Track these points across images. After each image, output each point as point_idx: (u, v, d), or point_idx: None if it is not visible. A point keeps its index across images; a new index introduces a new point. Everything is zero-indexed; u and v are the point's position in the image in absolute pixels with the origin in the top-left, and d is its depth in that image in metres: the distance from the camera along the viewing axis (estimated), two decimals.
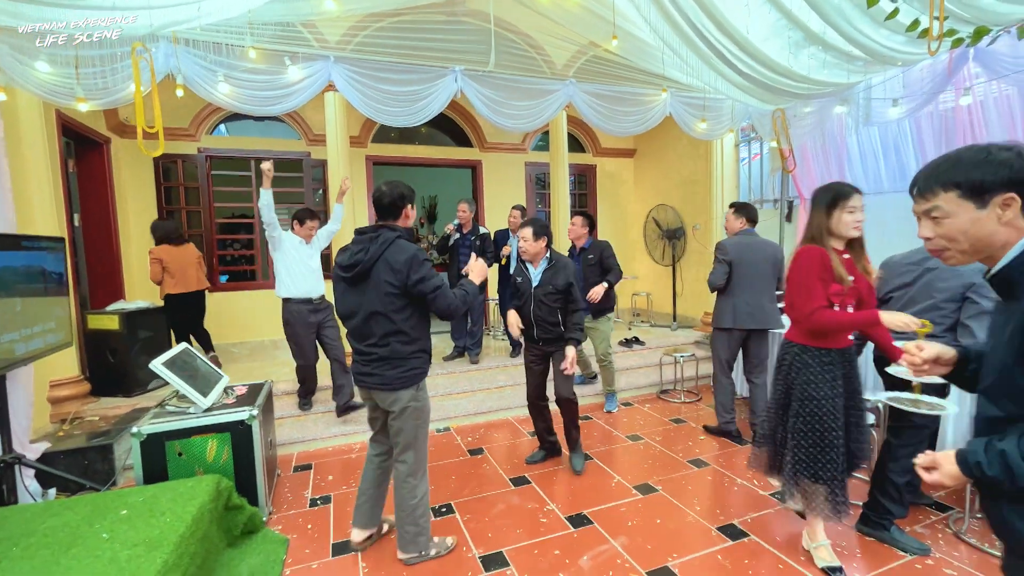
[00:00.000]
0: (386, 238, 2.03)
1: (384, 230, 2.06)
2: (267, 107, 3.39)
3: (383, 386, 2.10)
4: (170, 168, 5.44)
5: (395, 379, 2.08)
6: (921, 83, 3.86)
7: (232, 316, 5.67)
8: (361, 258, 2.00)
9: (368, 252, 2.00)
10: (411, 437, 2.16)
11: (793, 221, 5.38)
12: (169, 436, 2.41)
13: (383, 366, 2.08)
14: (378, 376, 2.09)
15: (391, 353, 2.06)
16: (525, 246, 2.92)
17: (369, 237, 2.05)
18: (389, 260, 1.99)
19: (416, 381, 2.13)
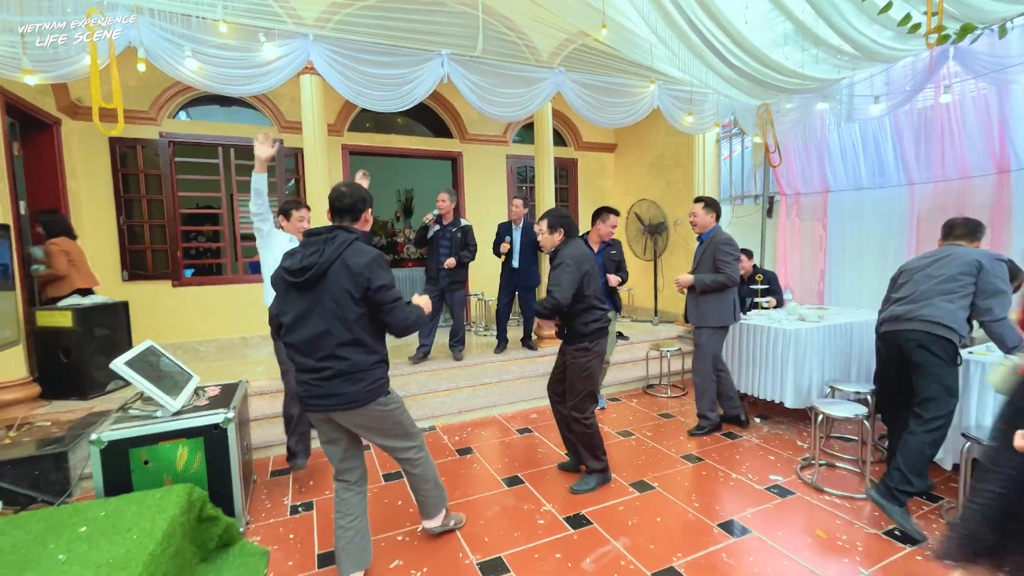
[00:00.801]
0: (344, 239, 1.81)
1: (340, 231, 1.84)
2: (240, 86, 3.15)
3: (347, 405, 1.84)
4: (128, 153, 5.07)
5: (360, 395, 1.85)
6: (902, 81, 3.93)
7: (198, 312, 5.35)
8: (315, 260, 1.77)
9: (323, 254, 1.77)
10: (399, 431, 2.05)
11: (774, 216, 5.45)
12: (134, 443, 2.19)
13: (343, 383, 1.82)
14: (338, 396, 1.83)
15: (350, 367, 1.82)
16: (541, 240, 2.76)
17: (324, 238, 1.82)
18: (348, 263, 1.77)
19: (380, 394, 1.90)
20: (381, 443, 2.04)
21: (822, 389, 3.54)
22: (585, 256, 2.62)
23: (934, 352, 2.38)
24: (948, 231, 2.75)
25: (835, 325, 3.62)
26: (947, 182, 3.99)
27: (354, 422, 1.94)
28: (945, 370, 2.38)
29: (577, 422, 2.75)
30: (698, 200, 3.58)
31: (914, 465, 2.37)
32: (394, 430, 2.03)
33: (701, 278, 3.37)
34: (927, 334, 2.39)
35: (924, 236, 4.16)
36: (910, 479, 2.37)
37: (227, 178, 5.42)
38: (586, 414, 2.73)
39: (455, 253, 4.41)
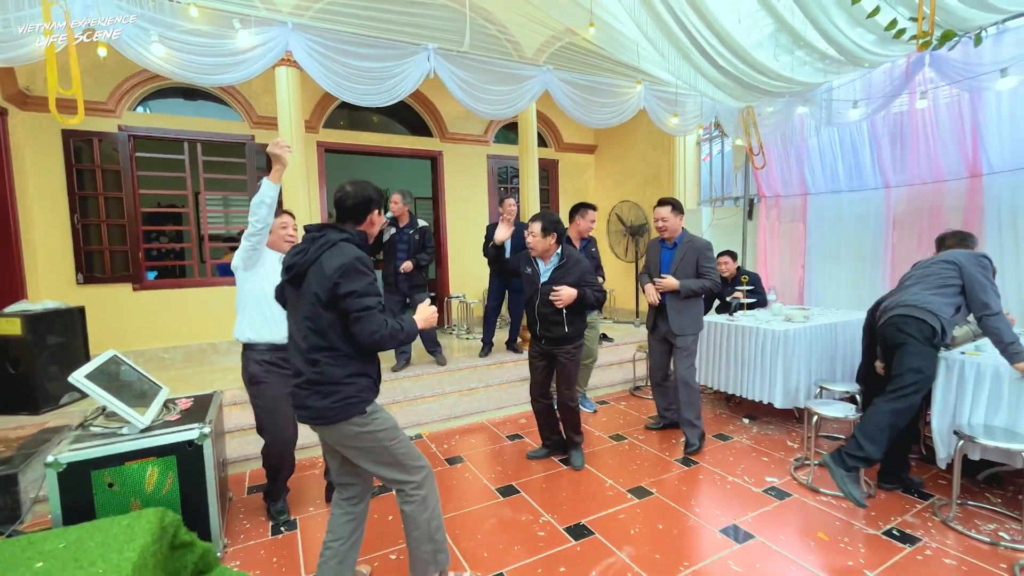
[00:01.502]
0: (329, 240, 1.68)
1: (330, 231, 1.71)
2: (213, 76, 2.94)
3: (317, 420, 1.69)
4: (83, 147, 4.72)
5: (327, 410, 1.67)
6: (879, 86, 4.03)
7: (162, 317, 5.02)
8: (298, 260, 1.68)
9: (306, 254, 1.67)
10: (387, 458, 1.77)
11: (754, 218, 5.53)
12: (96, 464, 1.97)
13: (313, 395, 1.68)
14: (309, 408, 1.69)
15: (320, 377, 1.67)
16: (533, 242, 2.73)
17: (312, 237, 1.71)
18: (323, 265, 1.64)
19: (352, 412, 1.69)
20: (369, 468, 1.81)
21: (809, 389, 3.57)
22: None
23: (909, 332, 2.47)
24: (940, 243, 2.85)
25: (821, 325, 3.66)
26: (922, 185, 4.12)
27: (330, 439, 1.77)
28: (918, 348, 2.45)
29: (570, 410, 2.97)
30: (664, 203, 3.32)
31: (868, 431, 2.42)
32: (380, 455, 1.77)
33: (687, 283, 3.21)
34: (903, 316, 2.50)
35: (900, 238, 4.28)
36: (861, 444, 2.41)
37: (193, 175, 5.11)
38: (574, 395, 3.00)
39: (412, 256, 4.26)
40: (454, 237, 6.53)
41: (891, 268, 4.37)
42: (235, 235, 7.54)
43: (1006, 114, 3.56)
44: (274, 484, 2.60)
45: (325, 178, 5.84)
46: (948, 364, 2.58)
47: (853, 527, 2.39)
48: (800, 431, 3.58)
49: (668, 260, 3.34)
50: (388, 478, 1.82)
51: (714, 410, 4.08)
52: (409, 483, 1.82)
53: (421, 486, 1.83)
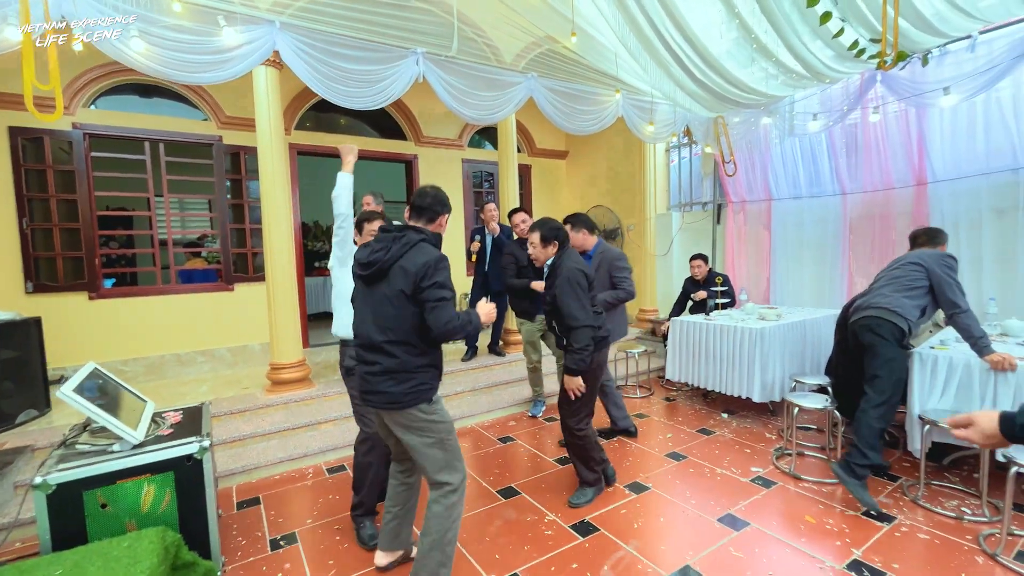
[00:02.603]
0: (410, 240, 1.85)
1: (411, 231, 1.88)
2: (196, 74, 2.81)
3: (391, 405, 1.84)
4: (32, 147, 4.37)
5: (403, 395, 1.83)
6: (836, 100, 4.35)
7: (121, 327, 4.72)
8: (380, 257, 1.83)
9: (389, 251, 1.83)
10: (437, 454, 1.89)
11: (722, 223, 5.80)
12: (88, 484, 1.85)
13: (388, 381, 1.83)
14: (384, 394, 1.84)
15: (398, 366, 1.83)
16: (534, 252, 2.62)
17: (393, 236, 1.87)
18: (406, 263, 1.81)
19: (425, 397, 1.86)
20: (419, 456, 1.89)
21: (784, 383, 3.79)
22: (584, 265, 2.58)
23: (880, 334, 2.67)
24: (912, 241, 3.08)
25: (793, 323, 3.90)
26: (874, 192, 4.46)
27: (396, 422, 1.89)
28: (890, 350, 2.65)
29: (570, 432, 2.68)
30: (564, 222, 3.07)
31: (867, 440, 2.62)
32: (434, 446, 1.88)
33: (603, 297, 3.20)
34: (875, 318, 2.70)
35: (856, 240, 4.62)
36: (866, 453, 2.61)
37: (155, 177, 4.84)
38: (580, 425, 2.66)
39: None
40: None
41: (848, 268, 4.70)
42: (194, 240, 7.19)
43: (948, 128, 3.93)
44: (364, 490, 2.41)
45: (297, 181, 5.67)
46: (922, 358, 2.81)
47: (835, 510, 2.56)
48: (775, 423, 3.79)
49: None
50: (434, 472, 1.89)
51: (693, 406, 4.25)
52: (449, 484, 1.89)
53: (457, 490, 1.91)
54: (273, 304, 3.77)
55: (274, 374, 3.86)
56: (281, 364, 3.84)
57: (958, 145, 3.89)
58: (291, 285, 3.84)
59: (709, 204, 5.91)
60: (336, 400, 3.88)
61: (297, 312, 3.90)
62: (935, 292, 2.68)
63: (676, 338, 4.32)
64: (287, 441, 3.43)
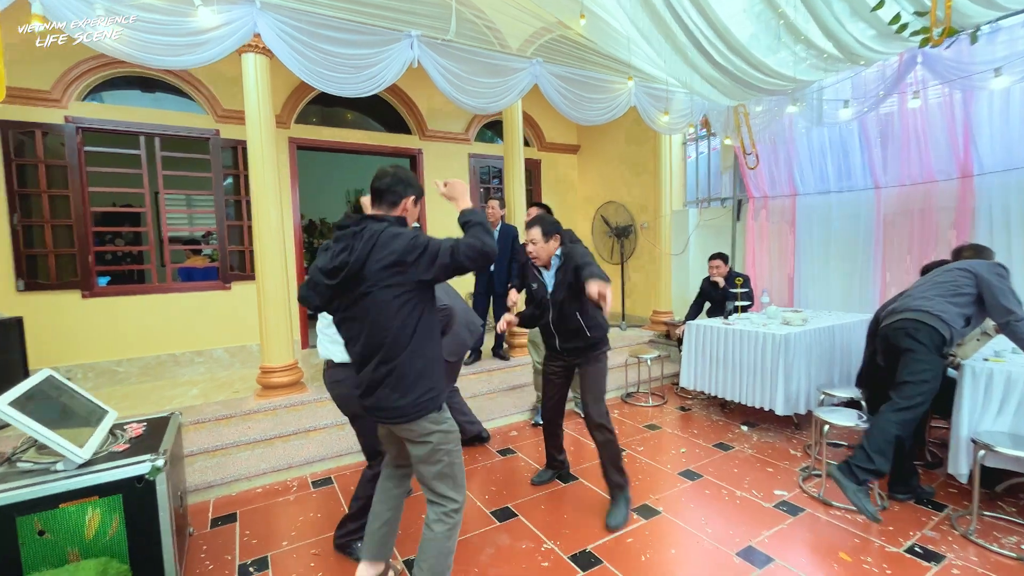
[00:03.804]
0: (373, 231, 1.58)
1: (370, 222, 1.61)
2: (168, 57, 2.61)
3: (399, 419, 1.65)
4: (25, 141, 4.27)
5: (411, 407, 1.63)
6: (871, 85, 3.98)
7: (116, 327, 4.59)
8: (345, 259, 1.56)
9: (354, 251, 1.56)
10: (445, 469, 1.70)
11: (742, 220, 5.46)
12: (23, 508, 1.65)
13: (391, 395, 1.63)
14: (389, 409, 1.64)
15: (399, 376, 1.62)
16: (535, 250, 2.45)
17: (351, 232, 1.59)
18: (380, 256, 1.55)
19: (435, 405, 1.67)
20: (425, 469, 1.71)
21: (810, 394, 3.47)
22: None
23: (918, 339, 2.40)
24: (956, 255, 2.78)
25: (819, 328, 3.57)
26: (912, 186, 4.09)
27: (406, 435, 1.70)
28: (925, 356, 2.39)
29: (602, 429, 2.48)
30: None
31: (877, 444, 2.37)
32: (442, 461, 1.69)
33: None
34: (914, 321, 2.43)
35: (891, 238, 4.25)
36: (872, 457, 2.36)
37: (151, 172, 4.70)
38: (607, 417, 2.52)
39: None
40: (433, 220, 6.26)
41: (881, 269, 4.34)
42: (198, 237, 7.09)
43: (998, 113, 3.54)
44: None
45: (297, 177, 5.49)
46: (975, 373, 2.49)
47: (873, 545, 2.25)
48: (800, 438, 3.47)
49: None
50: (438, 489, 1.72)
51: (709, 417, 3.95)
52: (453, 502, 1.72)
53: (459, 511, 1.74)
54: (263, 304, 3.59)
55: (264, 378, 3.67)
56: (271, 368, 3.66)
57: (1010, 133, 3.50)
58: (282, 285, 3.64)
59: (728, 200, 5.57)
60: (329, 405, 3.66)
61: (288, 313, 3.71)
62: (985, 301, 2.38)
63: (692, 343, 4.02)
64: (273, 450, 3.23)
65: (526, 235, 2.50)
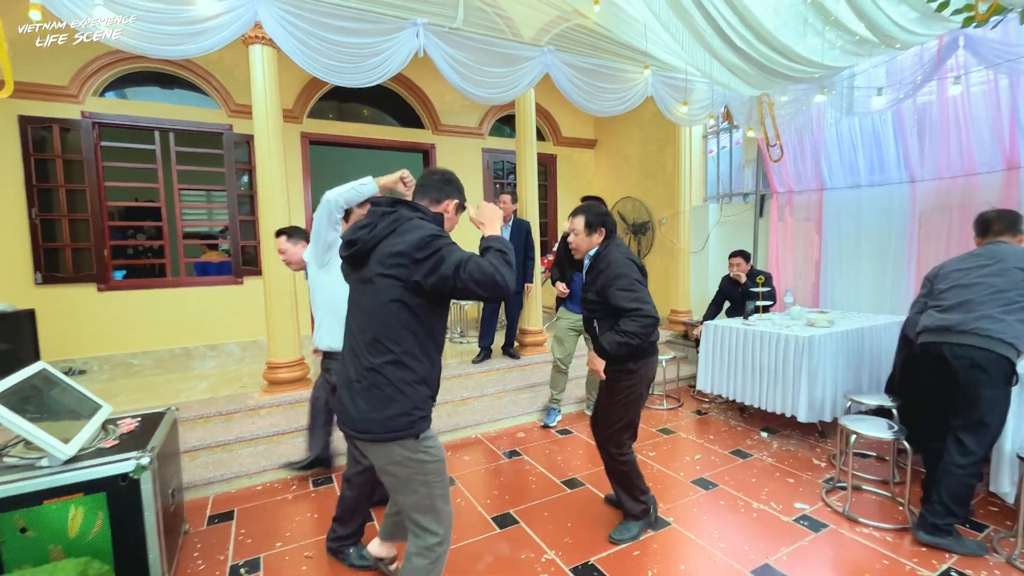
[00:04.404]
0: (401, 216, 1.46)
1: (404, 207, 1.50)
2: (167, 47, 2.57)
3: (364, 435, 1.45)
4: (45, 136, 4.34)
5: (380, 424, 1.42)
6: (907, 71, 3.72)
7: (131, 320, 4.65)
8: (363, 235, 1.45)
9: (374, 230, 1.44)
10: (423, 498, 1.51)
11: (765, 216, 5.21)
12: (5, 505, 1.62)
13: (363, 405, 1.43)
14: (356, 419, 1.45)
15: (377, 380, 1.42)
16: (575, 241, 2.22)
17: (381, 212, 1.48)
18: (393, 243, 1.42)
19: (411, 432, 1.45)
20: (402, 502, 1.55)
21: (836, 401, 3.26)
22: (636, 258, 2.18)
23: (990, 373, 2.10)
24: (985, 227, 2.42)
25: (847, 331, 3.35)
26: (951, 179, 3.81)
27: (374, 458, 1.51)
28: (999, 393, 2.13)
29: (611, 457, 2.27)
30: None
31: (959, 497, 2.15)
32: (418, 491, 1.50)
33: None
34: (984, 351, 2.10)
35: (927, 235, 3.98)
36: (955, 511, 2.15)
37: (165, 167, 4.74)
38: (622, 448, 2.25)
39: None
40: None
41: (915, 267, 4.06)
42: (216, 232, 7.17)
43: None
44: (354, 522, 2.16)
45: (310, 172, 5.48)
46: (1021, 383, 2.23)
47: (904, 567, 2.07)
48: (825, 447, 3.26)
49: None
50: (417, 520, 1.53)
51: (727, 422, 3.76)
52: (433, 536, 1.53)
53: (443, 543, 1.56)
54: (269, 299, 3.55)
55: (270, 373, 3.64)
56: (277, 363, 3.62)
57: None
58: (289, 280, 3.60)
59: (751, 195, 5.33)
60: None
61: (295, 308, 3.67)
62: None
63: (709, 344, 3.84)
64: (275, 447, 3.20)
65: (569, 223, 2.28)
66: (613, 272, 2.09)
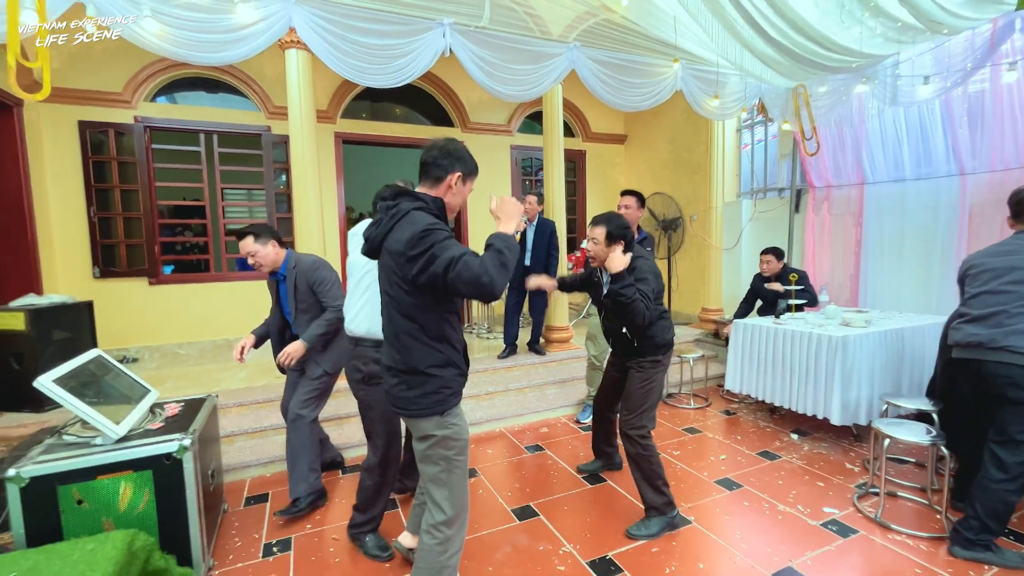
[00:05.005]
0: (400, 210, 1.51)
1: (404, 199, 1.53)
2: (208, 54, 2.73)
3: (403, 411, 1.60)
4: (102, 140, 4.65)
5: (413, 402, 1.56)
6: (957, 58, 3.52)
7: (178, 312, 4.94)
8: (372, 232, 1.56)
9: (379, 225, 1.54)
10: (441, 472, 1.61)
11: (801, 212, 5.04)
12: (63, 479, 1.78)
13: (400, 385, 1.57)
14: (400, 398, 1.59)
15: (407, 365, 1.54)
16: (594, 250, 2.30)
17: (386, 206, 1.55)
18: (391, 242, 1.51)
19: (444, 407, 1.56)
20: (422, 468, 1.65)
21: (872, 404, 3.14)
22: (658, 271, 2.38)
23: None
24: (1020, 208, 2.24)
25: (885, 331, 3.22)
26: (1005, 171, 3.59)
27: (413, 431, 1.63)
28: None
29: (631, 441, 2.33)
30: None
31: (996, 514, 2.05)
32: (440, 467, 1.60)
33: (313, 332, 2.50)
34: (1021, 368, 1.97)
35: (977, 231, 3.76)
36: (991, 527, 2.05)
37: (209, 167, 5.00)
38: (643, 431, 2.32)
39: None
40: (475, 232, 6.26)
41: None
42: None
43: None
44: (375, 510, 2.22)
45: (343, 171, 5.65)
46: None
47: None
48: (860, 451, 3.15)
49: None
50: (433, 494, 1.63)
51: (756, 423, 3.68)
52: (442, 514, 1.61)
53: (454, 523, 1.63)
54: None
55: None
56: None
57: None
58: None
59: (786, 190, 5.16)
60: None
61: None
62: None
63: (738, 343, 3.76)
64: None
65: (589, 231, 2.33)
66: (638, 276, 2.26)
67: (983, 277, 2.20)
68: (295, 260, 2.53)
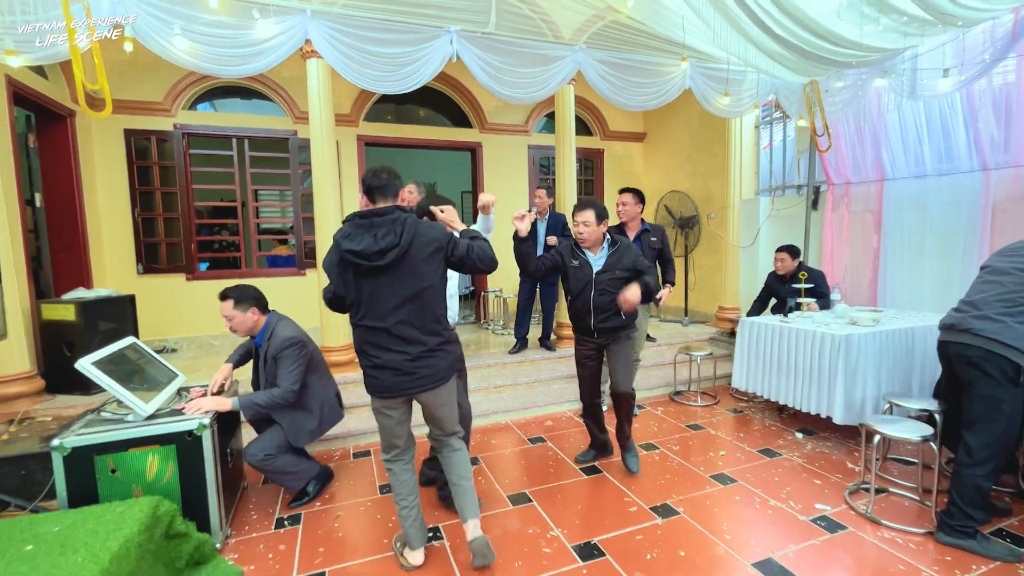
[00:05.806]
0: (409, 219, 1.87)
1: (399, 211, 1.87)
2: (233, 67, 2.96)
3: (438, 383, 1.98)
4: (145, 146, 5.03)
5: (448, 369, 2.01)
6: (977, 49, 3.41)
7: (212, 306, 5.24)
8: (392, 242, 1.81)
9: (400, 235, 1.82)
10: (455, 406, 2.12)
11: (820, 209, 4.94)
12: (100, 449, 2.01)
13: (432, 359, 1.94)
14: (429, 375, 1.94)
15: (438, 341, 1.96)
16: (586, 232, 2.61)
17: (390, 219, 1.84)
18: (426, 239, 1.88)
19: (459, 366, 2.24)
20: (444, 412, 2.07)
21: (877, 404, 3.10)
22: None
23: (987, 372, 2.02)
24: None
25: (893, 331, 3.16)
26: None
27: (434, 398, 2.00)
28: (997, 390, 2.02)
29: (630, 397, 2.78)
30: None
31: (972, 500, 2.08)
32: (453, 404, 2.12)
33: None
34: (980, 350, 2.02)
35: (1001, 228, 3.62)
36: (971, 514, 2.08)
37: (241, 171, 5.33)
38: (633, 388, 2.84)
39: None
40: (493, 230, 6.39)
41: None
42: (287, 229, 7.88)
43: None
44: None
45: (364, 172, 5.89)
46: None
47: (922, 574, 1.99)
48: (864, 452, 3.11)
49: None
50: (452, 424, 2.11)
51: (763, 422, 3.67)
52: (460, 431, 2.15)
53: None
54: (322, 287, 3.92)
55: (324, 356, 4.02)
56: (329, 347, 4.00)
57: None
58: None
59: (803, 188, 5.07)
60: None
61: None
62: None
63: (744, 341, 3.75)
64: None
65: (576, 217, 2.65)
66: (633, 250, 2.69)
67: (984, 273, 2.25)
68: (271, 331, 2.50)
